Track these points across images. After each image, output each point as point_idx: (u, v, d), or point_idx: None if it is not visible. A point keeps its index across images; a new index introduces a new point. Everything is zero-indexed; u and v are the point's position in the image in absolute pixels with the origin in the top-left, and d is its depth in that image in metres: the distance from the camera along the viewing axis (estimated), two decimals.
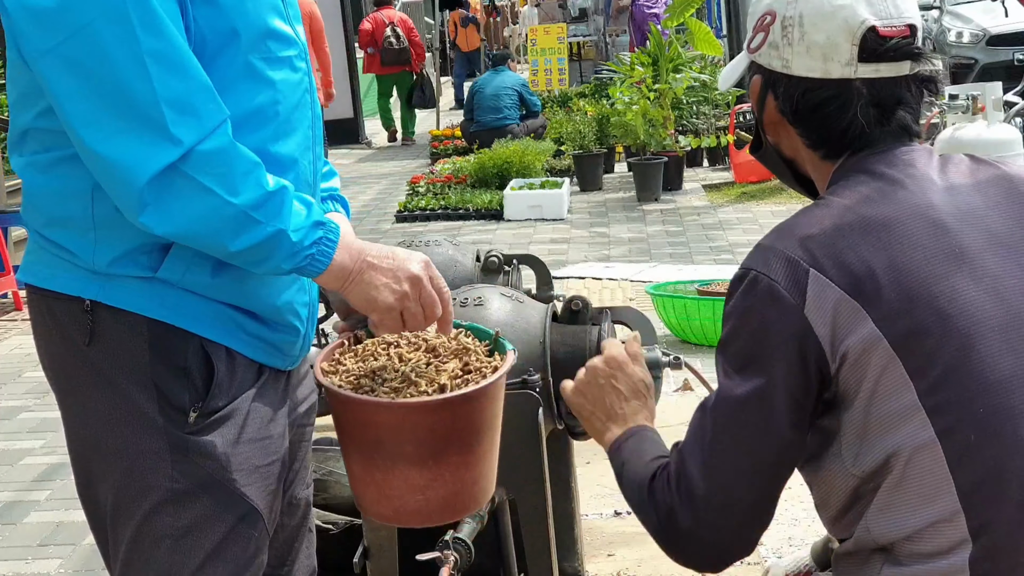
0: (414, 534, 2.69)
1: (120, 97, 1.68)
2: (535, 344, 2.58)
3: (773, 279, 1.68)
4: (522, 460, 2.53)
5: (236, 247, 1.73)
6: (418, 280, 1.88)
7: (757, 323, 1.68)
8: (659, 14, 13.84)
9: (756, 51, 1.85)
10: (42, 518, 4.14)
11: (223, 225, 1.72)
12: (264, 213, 1.73)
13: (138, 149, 1.68)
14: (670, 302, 5.78)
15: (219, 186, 1.71)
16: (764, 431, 1.68)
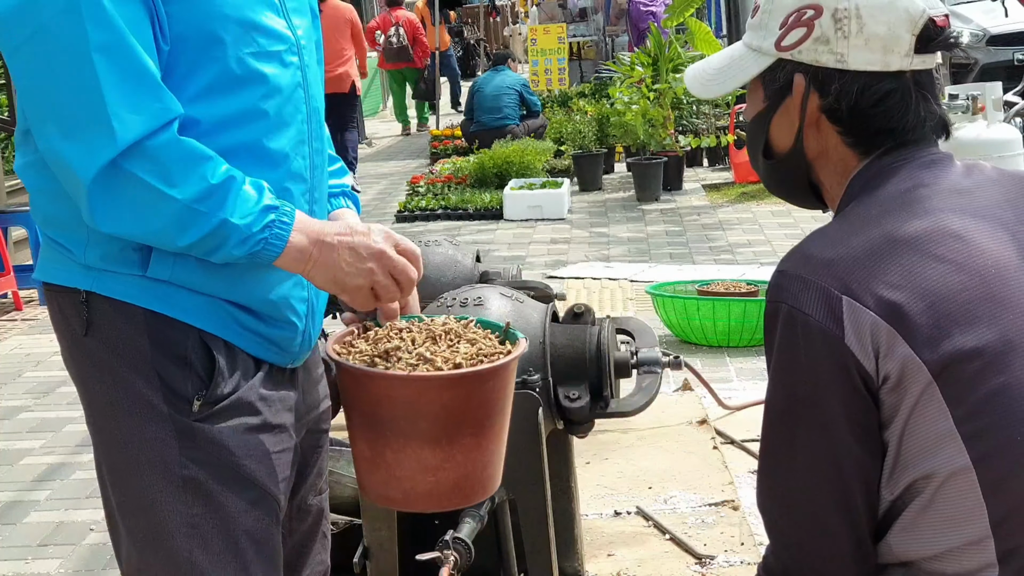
0: (414, 534, 2.69)
1: (68, 95, 1.70)
2: (535, 344, 2.58)
3: (808, 313, 1.60)
4: (522, 460, 2.53)
5: (184, 241, 1.74)
6: (382, 254, 1.85)
7: (803, 363, 1.62)
8: (656, 12, 13.85)
9: (793, 48, 1.74)
10: (42, 518, 4.14)
11: (168, 221, 1.73)
12: (208, 205, 1.73)
13: (83, 147, 1.70)
14: (670, 302, 5.78)
15: (160, 181, 1.71)
16: (840, 469, 1.63)
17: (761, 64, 1.78)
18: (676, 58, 10.84)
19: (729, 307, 5.64)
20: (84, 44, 1.69)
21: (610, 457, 4.08)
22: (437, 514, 2.80)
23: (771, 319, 1.66)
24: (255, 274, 1.87)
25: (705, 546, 3.35)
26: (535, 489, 2.56)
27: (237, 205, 1.75)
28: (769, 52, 1.76)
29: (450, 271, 3.74)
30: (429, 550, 2.35)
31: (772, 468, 1.72)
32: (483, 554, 2.53)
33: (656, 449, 4.14)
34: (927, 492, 1.61)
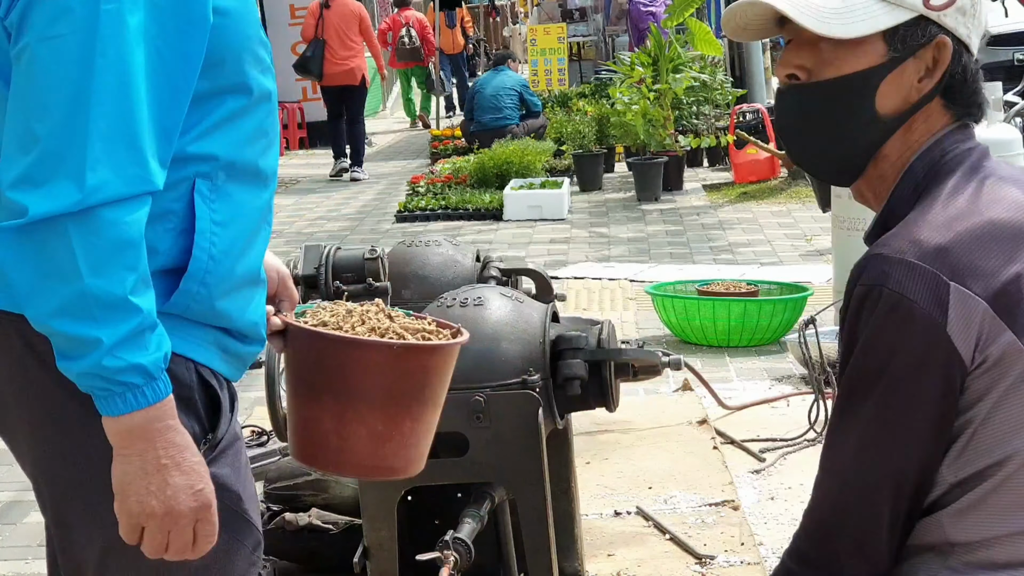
0: (414, 534, 2.69)
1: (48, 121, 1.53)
2: (535, 344, 2.58)
3: (912, 299, 1.57)
4: (522, 460, 2.53)
5: (49, 323, 1.55)
6: (177, 516, 1.62)
7: (896, 347, 1.59)
8: (655, 12, 13.85)
9: (941, 9, 1.67)
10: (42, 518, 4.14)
11: (56, 298, 1.53)
12: (103, 312, 1.53)
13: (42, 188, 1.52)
14: (670, 302, 5.78)
15: (84, 260, 1.52)
16: (902, 457, 1.62)
17: (898, 17, 1.67)
18: (676, 58, 10.84)
19: (729, 307, 5.64)
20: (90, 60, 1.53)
21: (610, 457, 4.08)
22: (437, 514, 2.80)
23: (865, 301, 1.62)
24: (249, 292, 1.75)
25: (705, 546, 3.35)
26: (535, 489, 2.56)
27: (124, 338, 1.55)
28: (913, 7, 1.67)
29: (450, 271, 3.74)
30: (429, 550, 2.35)
31: (836, 436, 1.68)
32: (483, 554, 2.53)
33: (656, 449, 4.14)
34: (998, 476, 1.60)
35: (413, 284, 3.73)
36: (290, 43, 16.31)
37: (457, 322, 2.60)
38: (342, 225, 10.17)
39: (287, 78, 16.25)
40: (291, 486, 3.10)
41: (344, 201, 11.61)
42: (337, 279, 3.68)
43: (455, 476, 2.60)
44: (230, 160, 1.70)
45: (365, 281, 3.66)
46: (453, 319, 2.60)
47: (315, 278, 3.69)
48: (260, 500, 3.17)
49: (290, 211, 11.09)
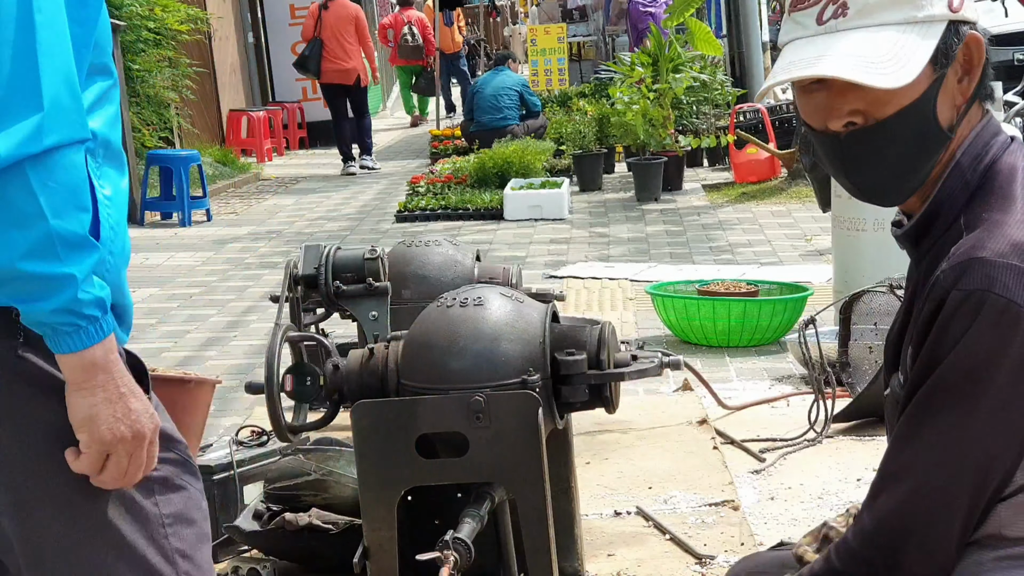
0: (414, 534, 2.69)
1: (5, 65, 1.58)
2: (535, 344, 2.58)
3: (1018, 303, 1.55)
4: (522, 460, 2.53)
5: (27, 267, 1.57)
6: (142, 438, 1.70)
7: (1000, 352, 1.56)
8: (654, 13, 13.85)
9: (960, 8, 1.67)
10: None
11: (24, 241, 1.57)
12: (70, 250, 1.59)
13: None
14: (670, 302, 5.78)
15: (45, 201, 1.57)
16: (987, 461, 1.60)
17: (936, 33, 1.65)
18: (676, 58, 10.84)
19: (729, 307, 5.64)
20: (30, 15, 1.57)
21: (610, 457, 4.08)
22: (437, 514, 2.80)
23: (963, 305, 1.58)
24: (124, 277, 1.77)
25: (705, 546, 3.35)
26: (535, 489, 2.56)
27: (89, 273, 1.61)
28: (942, 16, 1.66)
29: (450, 271, 3.74)
30: (429, 550, 2.35)
31: (911, 436, 1.64)
32: (483, 554, 2.53)
33: (656, 449, 4.14)
34: None
35: (413, 284, 3.74)
36: (290, 43, 16.30)
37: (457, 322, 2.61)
38: (342, 225, 10.17)
39: (287, 78, 16.30)
40: (291, 486, 3.10)
41: (344, 201, 11.61)
42: (337, 279, 3.68)
43: (455, 476, 2.60)
44: (105, 139, 1.74)
45: (365, 281, 3.66)
46: (453, 319, 2.60)
47: (315, 278, 3.70)
48: (260, 500, 3.17)
49: (290, 211, 11.09)
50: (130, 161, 10.13)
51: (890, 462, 1.67)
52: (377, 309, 3.64)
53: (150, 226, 10.35)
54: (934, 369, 1.61)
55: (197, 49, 13.42)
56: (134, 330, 1.89)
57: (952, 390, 1.60)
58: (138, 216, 10.24)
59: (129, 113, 10.46)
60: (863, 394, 4.39)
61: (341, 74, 12.80)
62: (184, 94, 12.28)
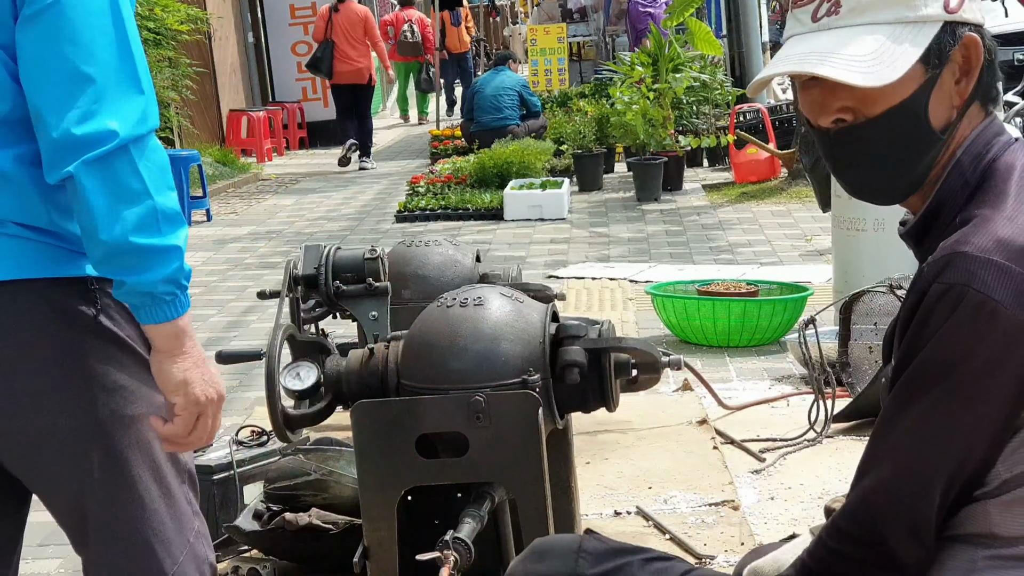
0: (414, 534, 2.69)
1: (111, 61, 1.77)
2: (535, 344, 2.58)
3: (998, 300, 1.56)
4: (522, 460, 2.53)
5: (138, 240, 1.76)
6: (223, 399, 1.92)
7: (976, 346, 1.58)
8: (653, 13, 13.85)
9: (958, 9, 1.67)
10: (42, 518, 4.12)
11: (135, 216, 1.75)
12: (170, 223, 1.79)
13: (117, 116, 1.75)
14: (670, 302, 5.78)
15: (149, 177, 1.77)
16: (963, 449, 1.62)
17: (929, 34, 1.66)
18: (676, 58, 10.83)
19: (729, 307, 5.64)
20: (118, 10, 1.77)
21: (610, 457, 4.08)
22: (437, 514, 2.80)
23: (943, 298, 1.59)
24: None
25: (705, 546, 3.35)
26: (535, 489, 2.56)
27: (183, 245, 1.81)
28: (938, 17, 1.67)
29: (450, 271, 3.74)
30: (429, 550, 2.35)
31: (893, 422, 1.67)
32: (483, 554, 2.53)
33: (656, 449, 4.14)
34: None
35: (413, 284, 3.74)
36: (290, 43, 16.32)
37: (457, 322, 2.60)
38: (342, 225, 10.17)
39: (287, 78, 16.30)
40: (291, 486, 3.10)
41: (344, 201, 11.61)
42: (337, 279, 3.68)
43: (455, 476, 2.60)
44: None
45: (365, 281, 3.66)
46: (453, 319, 2.60)
47: (315, 278, 3.69)
48: (260, 500, 3.17)
49: (290, 211, 11.09)
50: None
51: (874, 446, 1.70)
52: (377, 309, 3.64)
53: None
54: (914, 357, 1.63)
55: (197, 49, 13.42)
56: None
57: (930, 379, 1.62)
58: None
59: None
60: (863, 394, 4.39)
61: (352, 74, 13.26)
62: (184, 94, 12.28)
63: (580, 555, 1.86)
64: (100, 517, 1.98)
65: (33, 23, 1.73)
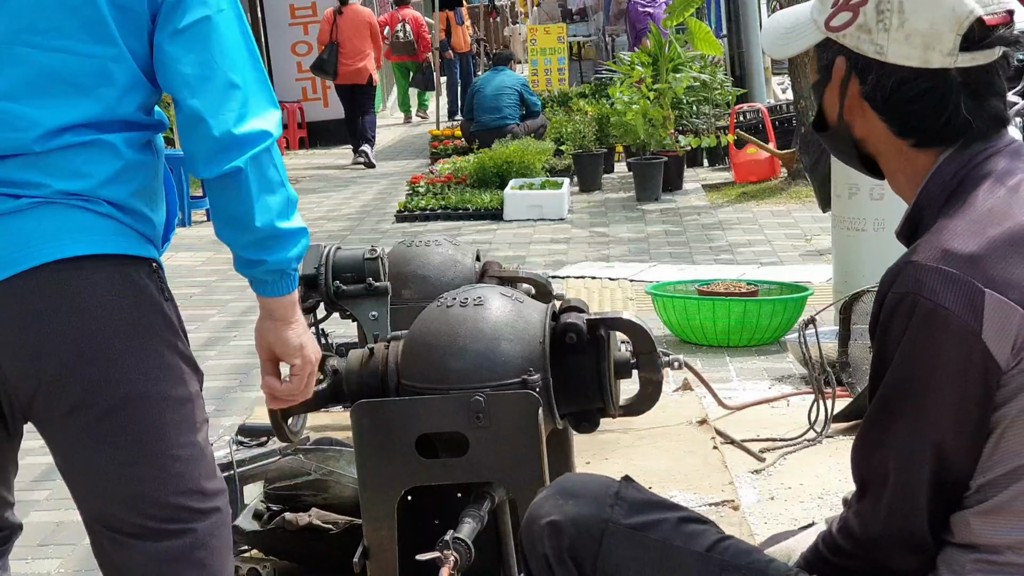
0: (414, 534, 2.69)
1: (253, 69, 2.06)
2: (535, 344, 2.58)
3: (947, 308, 1.58)
4: (522, 460, 2.53)
5: (280, 224, 2.03)
6: (320, 356, 2.21)
7: (931, 354, 1.60)
8: (653, 13, 13.85)
9: (839, 30, 1.72)
10: (42, 518, 4.14)
11: (279, 204, 2.03)
12: (295, 211, 2.08)
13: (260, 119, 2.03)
14: (670, 302, 5.78)
15: (283, 172, 2.05)
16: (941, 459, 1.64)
17: (816, 37, 1.76)
18: (676, 58, 10.84)
19: (729, 307, 5.64)
20: (246, 28, 2.05)
21: (610, 457, 4.08)
22: (437, 514, 2.80)
23: (897, 309, 1.62)
24: None
25: None
26: (535, 489, 2.55)
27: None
28: (820, 28, 1.75)
29: (450, 271, 3.74)
30: (429, 550, 2.35)
31: (876, 441, 1.70)
32: (483, 554, 2.53)
33: (656, 449, 4.13)
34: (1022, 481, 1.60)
35: (413, 284, 3.73)
36: (290, 43, 16.33)
37: (457, 322, 2.61)
38: (342, 225, 10.17)
39: (287, 78, 16.30)
40: (291, 486, 3.09)
41: (344, 201, 11.62)
42: (337, 279, 3.68)
43: (455, 476, 2.60)
44: None
45: (365, 281, 3.66)
46: (453, 319, 2.60)
47: (315, 278, 3.69)
48: (260, 500, 3.17)
49: None
50: None
51: (859, 462, 1.73)
52: (377, 309, 3.64)
53: None
54: (883, 369, 1.66)
55: None
56: None
57: (898, 394, 1.65)
58: None
59: None
60: (863, 394, 4.39)
61: (355, 74, 13.61)
62: None
63: (616, 501, 1.85)
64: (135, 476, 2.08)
65: (186, 35, 1.97)
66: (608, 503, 1.85)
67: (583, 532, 1.83)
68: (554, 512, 1.86)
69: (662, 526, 1.82)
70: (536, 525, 1.88)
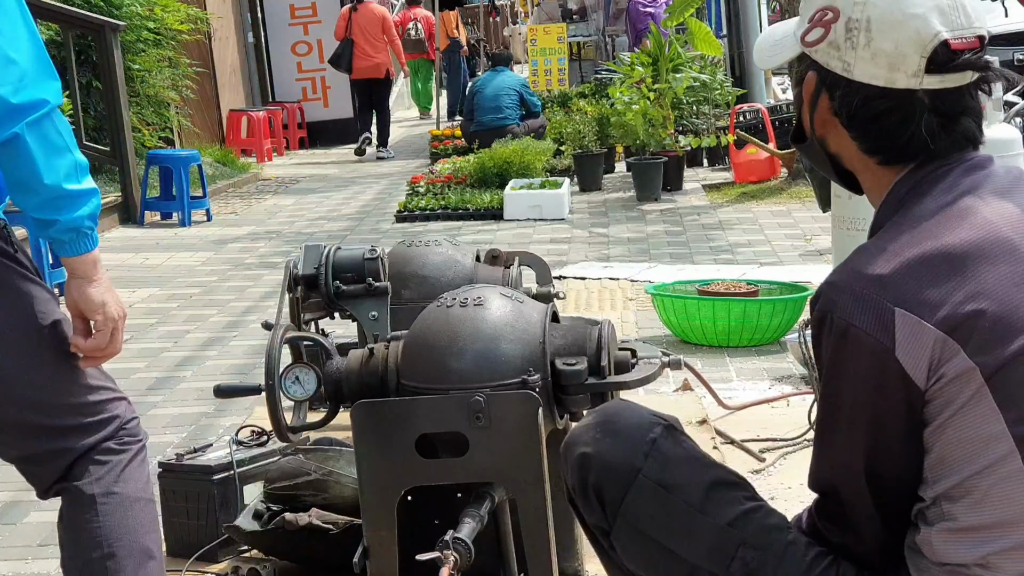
0: (414, 534, 2.69)
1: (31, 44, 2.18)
2: (535, 344, 2.58)
3: (858, 326, 1.62)
4: (522, 460, 2.53)
5: (68, 185, 2.20)
6: (125, 317, 2.37)
7: (849, 371, 1.65)
8: (654, 13, 13.85)
9: (812, 46, 1.75)
10: (42, 518, 4.14)
11: (67, 167, 2.20)
12: (85, 172, 2.26)
13: (42, 88, 2.17)
14: (670, 302, 5.78)
15: (67, 137, 2.22)
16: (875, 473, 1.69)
17: (795, 50, 1.80)
18: (676, 58, 10.84)
19: (729, 307, 5.64)
20: (23, 6, 2.17)
21: None
22: (437, 514, 2.80)
23: (818, 327, 1.68)
24: None
25: None
26: (535, 489, 2.56)
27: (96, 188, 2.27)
28: (798, 42, 1.78)
29: (450, 271, 3.74)
30: (429, 550, 2.35)
31: (818, 455, 1.79)
32: (483, 554, 2.53)
33: None
34: (975, 494, 1.62)
35: (413, 284, 3.73)
36: (290, 43, 16.32)
37: (457, 322, 2.61)
38: (342, 225, 10.17)
39: (287, 78, 16.31)
40: (291, 486, 3.09)
41: (344, 201, 11.62)
42: (337, 279, 3.68)
43: (455, 476, 2.60)
44: None
45: (365, 281, 3.66)
46: (453, 319, 2.60)
47: (315, 278, 3.69)
48: (260, 500, 3.17)
49: (290, 211, 11.09)
50: (130, 161, 10.13)
51: (811, 477, 1.84)
52: (377, 309, 3.64)
53: (150, 226, 10.35)
54: (822, 383, 1.74)
55: (197, 49, 13.42)
56: (134, 329, 2.15)
57: (830, 409, 1.72)
58: (138, 216, 10.23)
59: (129, 113, 10.45)
60: None
61: (371, 68, 14.37)
62: (184, 94, 12.28)
63: (652, 451, 1.88)
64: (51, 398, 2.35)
65: None
66: (643, 451, 1.88)
67: (612, 475, 1.87)
68: (589, 445, 1.90)
69: (690, 489, 1.85)
70: (571, 453, 1.93)
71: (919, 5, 1.68)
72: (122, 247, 9.31)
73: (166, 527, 3.23)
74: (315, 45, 16.31)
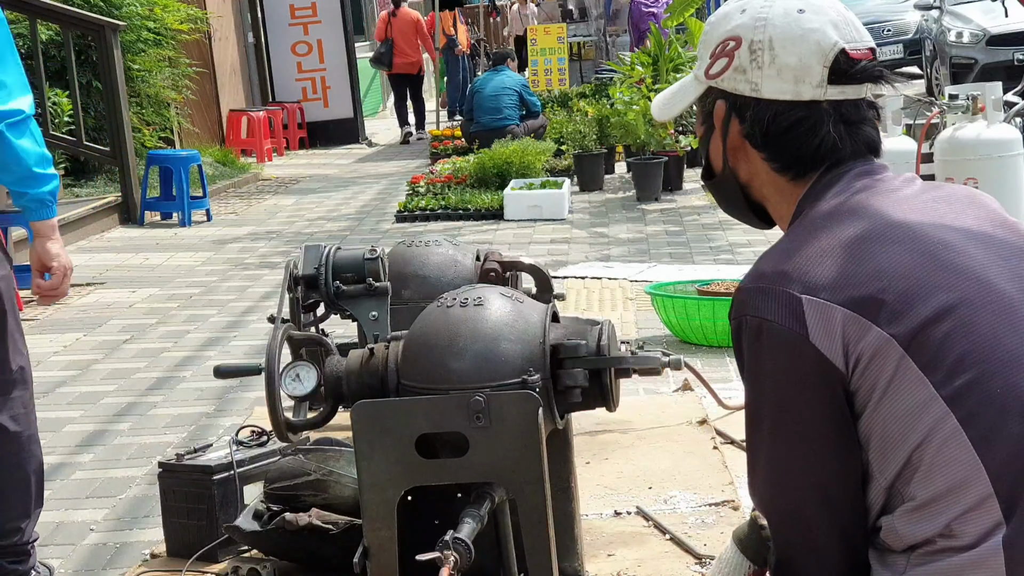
0: (414, 534, 2.69)
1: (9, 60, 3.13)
2: (535, 344, 2.58)
3: (770, 319, 1.68)
4: (522, 460, 2.53)
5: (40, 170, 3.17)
6: (71, 269, 3.30)
7: (770, 369, 1.70)
8: (656, 13, 13.85)
9: (718, 76, 1.85)
10: (42, 518, 4.14)
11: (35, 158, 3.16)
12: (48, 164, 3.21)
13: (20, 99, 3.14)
14: (670, 302, 5.78)
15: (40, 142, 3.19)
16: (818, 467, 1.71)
17: (698, 90, 1.90)
18: (676, 58, 10.84)
19: (729, 307, 5.63)
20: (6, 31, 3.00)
21: (610, 457, 4.08)
22: (437, 514, 2.80)
23: (737, 335, 1.75)
24: None
25: (705, 546, 3.35)
26: (535, 489, 2.55)
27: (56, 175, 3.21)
28: (702, 80, 1.88)
29: (450, 271, 3.73)
30: (429, 550, 2.35)
31: (755, 470, 1.80)
32: (483, 554, 2.52)
33: (656, 449, 4.14)
34: (924, 465, 1.65)
35: (413, 284, 3.73)
36: (290, 43, 16.34)
37: (457, 322, 2.61)
38: (342, 225, 10.18)
39: (287, 78, 16.32)
40: (291, 486, 3.09)
41: (344, 201, 11.62)
42: (337, 279, 3.68)
43: (455, 476, 2.60)
44: None
45: (365, 281, 3.66)
46: (453, 319, 2.60)
47: (315, 278, 3.69)
48: (260, 500, 3.17)
49: (290, 211, 11.09)
50: (130, 161, 10.13)
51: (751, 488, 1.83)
52: (377, 309, 3.64)
53: (150, 226, 10.35)
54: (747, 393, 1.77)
55: (197, 49, 13.42)
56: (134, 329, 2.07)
57: (756, 415, 1.75)
58: (138, 216, 10.23)
59: (129, 113, 10.45)
60: None
61: (408, 66, 16.46)
62: (184, 94, 12.28)
63: None
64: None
65: None
66: None
67: None
68: None
69: None
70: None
71: (814, 21, 1.79)
72: (122, 247, 9.31)
73: (166, 527, 3.25)
74: (315, 45, 16.34)
